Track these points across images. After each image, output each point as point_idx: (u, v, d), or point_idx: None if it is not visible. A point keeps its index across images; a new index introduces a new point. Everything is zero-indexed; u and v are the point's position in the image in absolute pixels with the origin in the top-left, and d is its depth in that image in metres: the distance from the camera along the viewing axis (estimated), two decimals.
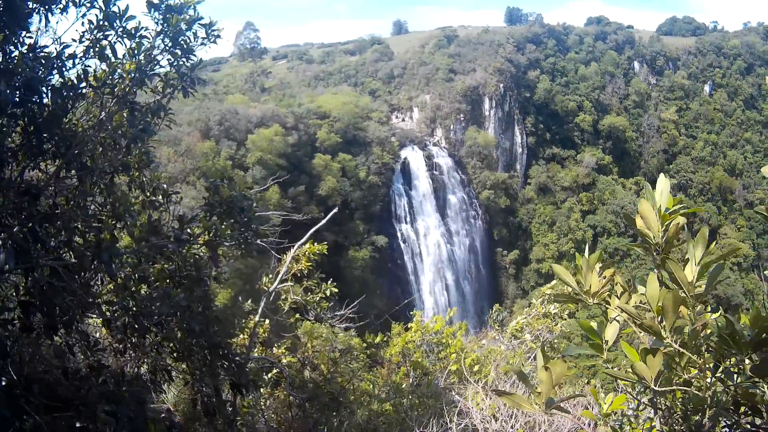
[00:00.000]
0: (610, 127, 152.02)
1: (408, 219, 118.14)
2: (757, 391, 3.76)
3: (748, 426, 4.02)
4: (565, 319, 17.98)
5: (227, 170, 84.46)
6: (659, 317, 3.89)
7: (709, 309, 4.58)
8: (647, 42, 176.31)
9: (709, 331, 4.06)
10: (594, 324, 4.36)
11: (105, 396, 6.79)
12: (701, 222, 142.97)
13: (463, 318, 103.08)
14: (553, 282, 19.45)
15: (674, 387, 4.19)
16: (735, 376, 3.94)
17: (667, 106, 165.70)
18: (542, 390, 3.91)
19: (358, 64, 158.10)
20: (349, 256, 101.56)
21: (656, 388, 3.91)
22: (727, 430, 4.21)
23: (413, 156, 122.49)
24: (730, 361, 3.95)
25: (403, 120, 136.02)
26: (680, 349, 3.94)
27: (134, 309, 7.81)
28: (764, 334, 3.58)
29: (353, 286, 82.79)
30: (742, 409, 3.95)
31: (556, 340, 17.88)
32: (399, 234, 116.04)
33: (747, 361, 3.74)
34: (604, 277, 4.40)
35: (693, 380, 4.10)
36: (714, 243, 4.09)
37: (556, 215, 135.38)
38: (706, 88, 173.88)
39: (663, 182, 4.24)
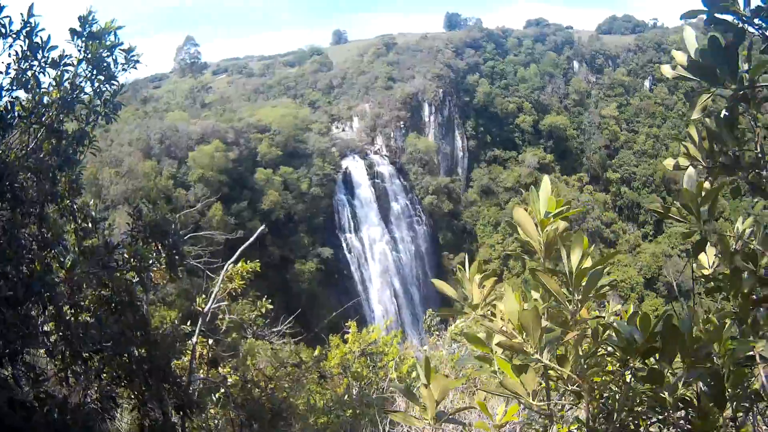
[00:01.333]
0: (550, 127, 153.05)
1: (352, 229, 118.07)
2: (662, 394, 3.84)
3: (681, 421, 4.10)
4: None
5: (169, 190, 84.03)
6: (523, 333, 3.82)
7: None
8: (587, 41, 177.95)
9: (607, 334, 4.14)
10: (483, 334, 4.31)
11: (51, 426, 6.81)
12: (646, 213, 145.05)
13: (414, 323, 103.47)
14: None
15: (549, 401, 4.29)
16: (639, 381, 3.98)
17: (608, 102, 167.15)
18: (428, 406, 3.88)
19: (297, 75, 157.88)
20: (296, 269, 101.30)
21: (534, 403, 3.89)
22: (661, 426, 4.31)
23: (354, 165, 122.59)
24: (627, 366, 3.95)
25: (344, 130, 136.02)
26: (550, 364, 3.96)
27: (70, 337, 7.83)
28: (653, 341, 3.66)
29: (301, 299, 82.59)
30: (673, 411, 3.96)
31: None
32: (344, 244, 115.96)
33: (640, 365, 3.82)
34: (484, 287, 4.47)
35: (574, 391, 4.20)
36: (593, 247, 4.08)
37: (501, 216, 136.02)
38: (647, 83, 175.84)
39: (545, 184, 4.17)
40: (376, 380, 16.12)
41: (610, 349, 4.15)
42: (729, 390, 3.72)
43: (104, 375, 8.87)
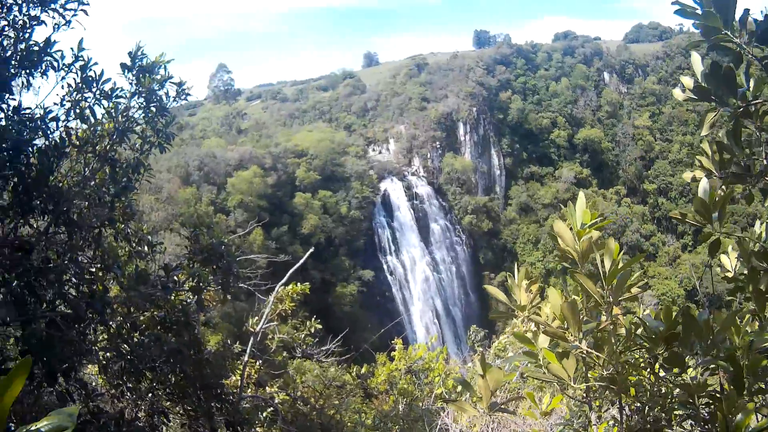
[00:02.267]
0: (585, 140, 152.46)
1: (393, 251, 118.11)
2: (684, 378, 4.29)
3: (706, 415, 4.37)
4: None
5: (209, 215, 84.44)
6: (565, 324, 4.33)
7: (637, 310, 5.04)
8: (615, 51, 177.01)
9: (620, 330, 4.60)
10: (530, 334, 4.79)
11: None
12: (685, 223, 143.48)
13: (457, 344, 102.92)
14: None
15: (596, 383, 4.72)
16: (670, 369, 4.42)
17: (640, 113, 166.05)
18: (483, 396, 4.32)
19: (331, 99, 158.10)
20: (337, 292, 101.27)
21: (574, 385, 4.36)
22: (691, 422, 4.62)
23: (393, 187, 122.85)
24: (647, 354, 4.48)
25: (380, 152, 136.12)
26: (589, 349, 4.42)
27: (128, 354, 8.15)
28: (673, 330, 4.09)
29: (343, 321, 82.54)
30: (699, 400, 4.29)
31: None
32: (385, 266, 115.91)
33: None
34: (531, 291, 4.94)
35: (609, 375, 4.55)
36: (621, 253, 4.49)
37: (540, 233, 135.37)
38: (677, 90, 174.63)
39: (581, 200, 4.70)
40: (422, 396, 16.28)
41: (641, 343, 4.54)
42: (747, 378, 3.97)
43: (158, 391, 9.19)
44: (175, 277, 9.07)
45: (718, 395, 4.16)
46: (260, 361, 13.88)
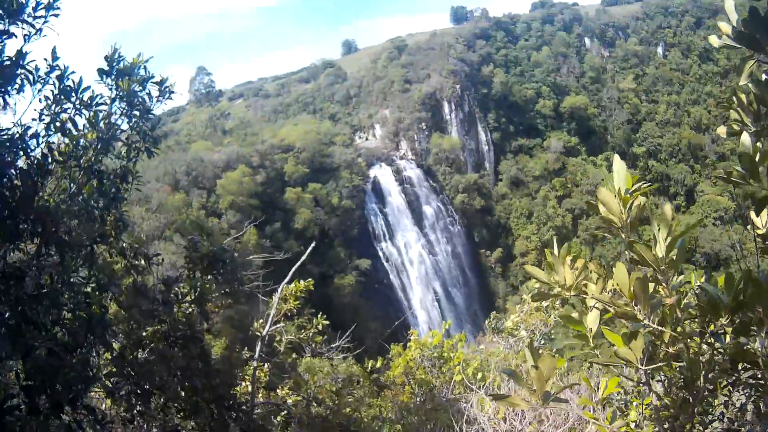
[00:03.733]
0: (571, 108, 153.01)
1: (387, 237, 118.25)
2: (749, 346, 4.00)
3: (751, 381, 4.35)
4: (558, 309, 18.06)
5: (202, 220, 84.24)
6: (633, 302, 4.05)
7: (683, 277, 4.73)
8: (594, 16, 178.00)
9: (685, 302, 4.37)
10: (575, 314, 4.55)
11: None
12: (676, 184, 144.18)
13: (459, 325, 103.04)
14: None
15: (660, 363, 4.43)
16: (723, 337, 4.18)
17: (624, 75, 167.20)
18: (536, 387, 4.03)
19: (313, 90, 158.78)
20: (336, 284, 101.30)
21: (643, 368, 4.13)
22: (730, 388, 4.43)
23: (382, 173, 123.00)
24: (714, 326, 4.17)
25: (367, 139, 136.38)
26: (659, 327, 4.14)
27: (135, 376, 7.83)
28: (739, 298, 3.86)
29: (344, 313, 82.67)
30: (741, 365, 4.21)
31: (552, 332, 17.97)
32: (381, 254, 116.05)
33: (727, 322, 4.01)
34: (576, 268, 4.53)
35: (680, 352, 4.31)
36: (674, 219, 4.30)
37: (533, 206, 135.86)
38: (659, 50, 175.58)
39: (618, 164, 4.39)
40: (439, 385, 16.02)
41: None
42: None
43: (169, 409, 8.87)
44: (177, 289, 8.76)
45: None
46: (269, 365, 13.61)
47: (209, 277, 9.13)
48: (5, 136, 7.06)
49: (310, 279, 14.16)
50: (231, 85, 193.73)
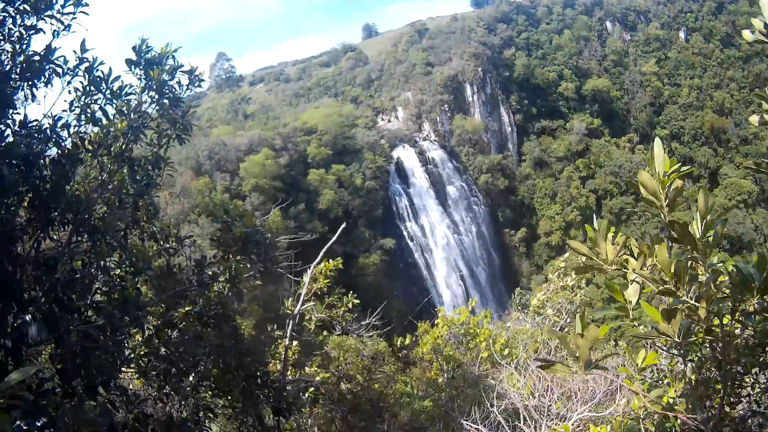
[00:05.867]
0: (593, 91, 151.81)
1: (411, 217, 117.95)
2: None
3: None
4: (583, 288, 18.17)
5: (227, 203, 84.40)
6: (674, 281, 4.24)
7: (717, 257, 4.86)
8: (615, 0, 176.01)
9: (720, 280, 4.47)
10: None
11: None
12: (700, 167, 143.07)
13: (483, 304, 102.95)
14: (566, 255, 19.65)
15: (697, 337, 4.62)
16: (753, 317, 4.32)
17: (646, 59, 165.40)
18: (580, 354, 4.30)
19: (335, 74, 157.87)
20: (360, 264, 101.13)
21: (679, 341, 4.31)
22: (757, 370, 4.56)
23: (405, 154, 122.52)
24: (745, 305, 4.31)
25: (389, 121, 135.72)
26: (697, 304, 4.29)
27: (169, 356, 8.02)
28: None
29: (368, 292, 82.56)
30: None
31: (578, 310, 18.05)
32: (405, 233, 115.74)
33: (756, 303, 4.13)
34: (617, 244, 4.73)
35: (714, 329, 4.47)
36: (712, 201, 4.48)
37: (557, 186, 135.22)
38: (681, 34, 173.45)
39: (658, 147, 4.64)
40: (466, 361, 16.18)
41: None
42: None
43: (202, 388, 9.08)
44: (210, 271, 8.93)
45: None
46: (297, 342, 13.84)
47: (243, 257, 9.29)
48: (35, 128, 7.26)
49: (339, 258, 14.37)
50: (251, 71, 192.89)
